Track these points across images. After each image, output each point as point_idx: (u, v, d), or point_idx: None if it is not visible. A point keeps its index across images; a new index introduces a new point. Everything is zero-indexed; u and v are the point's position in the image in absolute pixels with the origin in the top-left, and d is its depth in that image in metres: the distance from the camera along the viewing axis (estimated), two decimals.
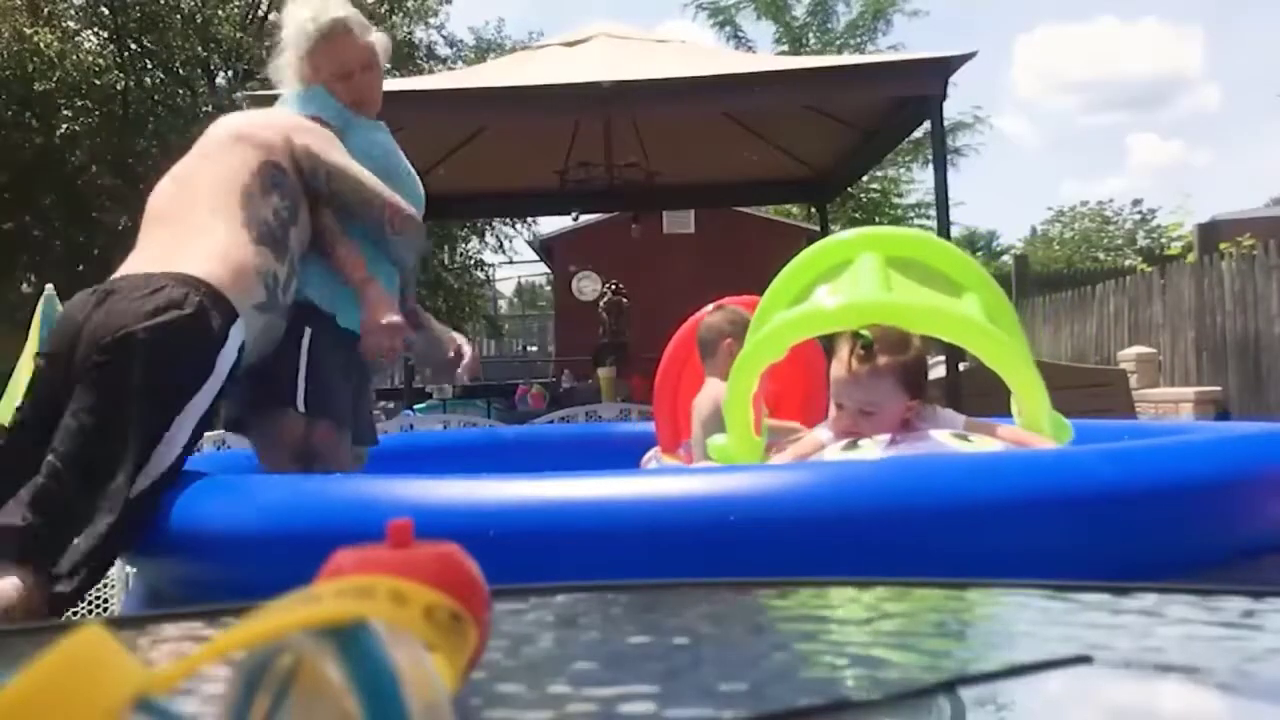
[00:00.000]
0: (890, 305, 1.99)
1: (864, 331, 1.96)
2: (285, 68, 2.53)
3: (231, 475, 2.03)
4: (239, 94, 9.09)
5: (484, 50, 17.85)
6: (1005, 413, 2.15)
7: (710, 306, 3.02)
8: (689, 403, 2.92)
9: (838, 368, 2.00)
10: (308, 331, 2.19)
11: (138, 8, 15.36)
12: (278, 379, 2.15)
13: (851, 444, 1.92)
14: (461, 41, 18.27)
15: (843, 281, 2.08)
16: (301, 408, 2.15)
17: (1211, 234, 9.33)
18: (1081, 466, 1.56)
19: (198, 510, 1.74)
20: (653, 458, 3.22)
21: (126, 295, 1.88)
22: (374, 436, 2.56)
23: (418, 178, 2.53)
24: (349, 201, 2.26)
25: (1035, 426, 1.98)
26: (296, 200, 2.19)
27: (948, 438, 1.90)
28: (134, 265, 2.01)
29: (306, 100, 2.42)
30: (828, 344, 2.32)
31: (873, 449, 1.87)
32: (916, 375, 2.00)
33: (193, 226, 2.05)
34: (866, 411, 1.97)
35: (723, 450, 2.16)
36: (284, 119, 2.32)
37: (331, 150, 2.28)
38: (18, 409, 1.95)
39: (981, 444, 1.88)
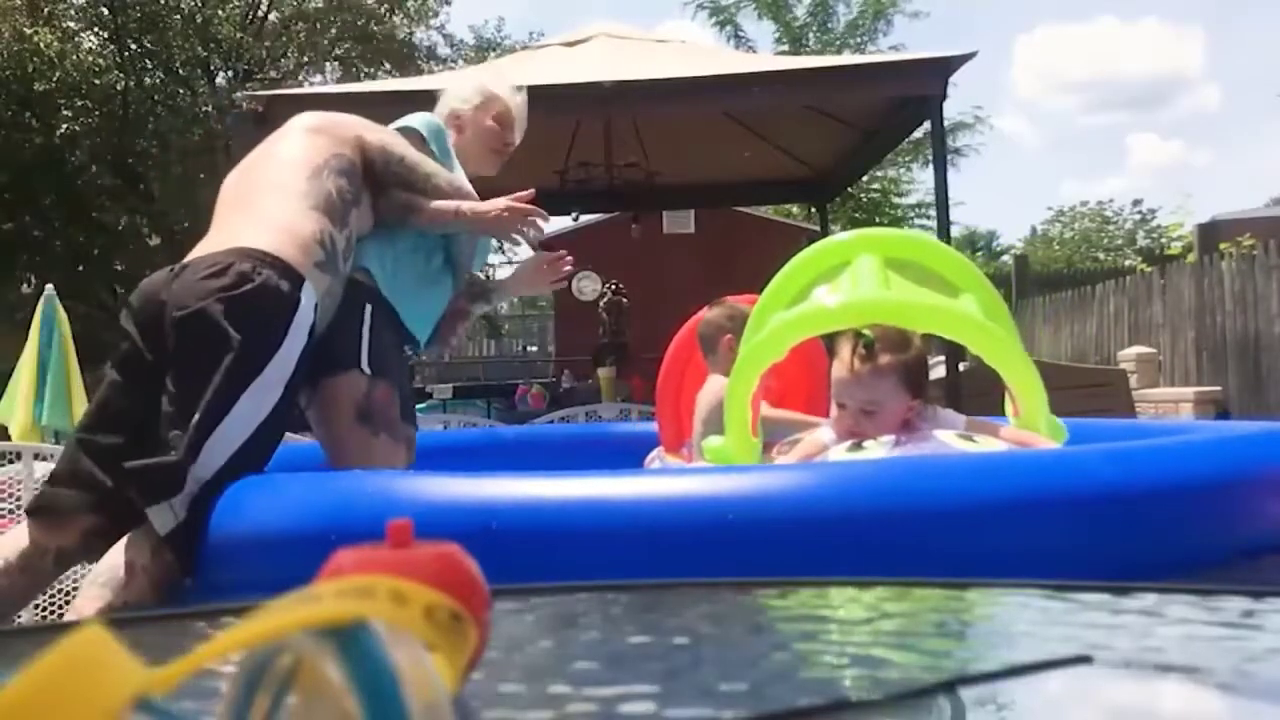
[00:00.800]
0: (891, 304, 2.00)
1: (865, 331, 1.96)
2: (451, 96, 2.72)
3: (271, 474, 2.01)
4: (239, 94, 9.09)
5: (484, 49, 17.83)
6: (1001, 413, 2.16)
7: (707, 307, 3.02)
8: (692, 402, 2.92)
9: (839, 367, 2.00)
10: (368, 306, 2.29)
11: (138, 8, 15.34)
12: (341, 343, 2.23)
13: (856, 445, 1.92)
14: (461, 41, 18.27)
15: (842, 282, 2.08)
16: (367, 369, 2.23)
17: (1211, 234, 9.34)
18: (1085, 466, 1.56)
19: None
20: (655, 457, 3.22)
21: (196, 270, 1.97)
22: (415, 420, 2.62)
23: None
24: (420, 186, 2.35)
25: (1032, 425, 1.98)
26: (359, 188, 2.27)
27: (952, 438, 1.90)
28: (204, 248, 2.08)
29: (428, 132, 2.54)
30: (829, 344, 2.32)
31: (878, 450, 1.87)
32: (918, 375, 2.00)
33: (257, 205, 2.14)
34: (868, 411, 1.97)
35: (718, 451, 2.16)
36: (357, 120, 2.41)
37: (405, 145, 2.39)
38: (105, 387, 2.05)
39: (986, 445, 1.88)
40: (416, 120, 2.55)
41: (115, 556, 1.91)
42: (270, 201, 2.14)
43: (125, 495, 1.87)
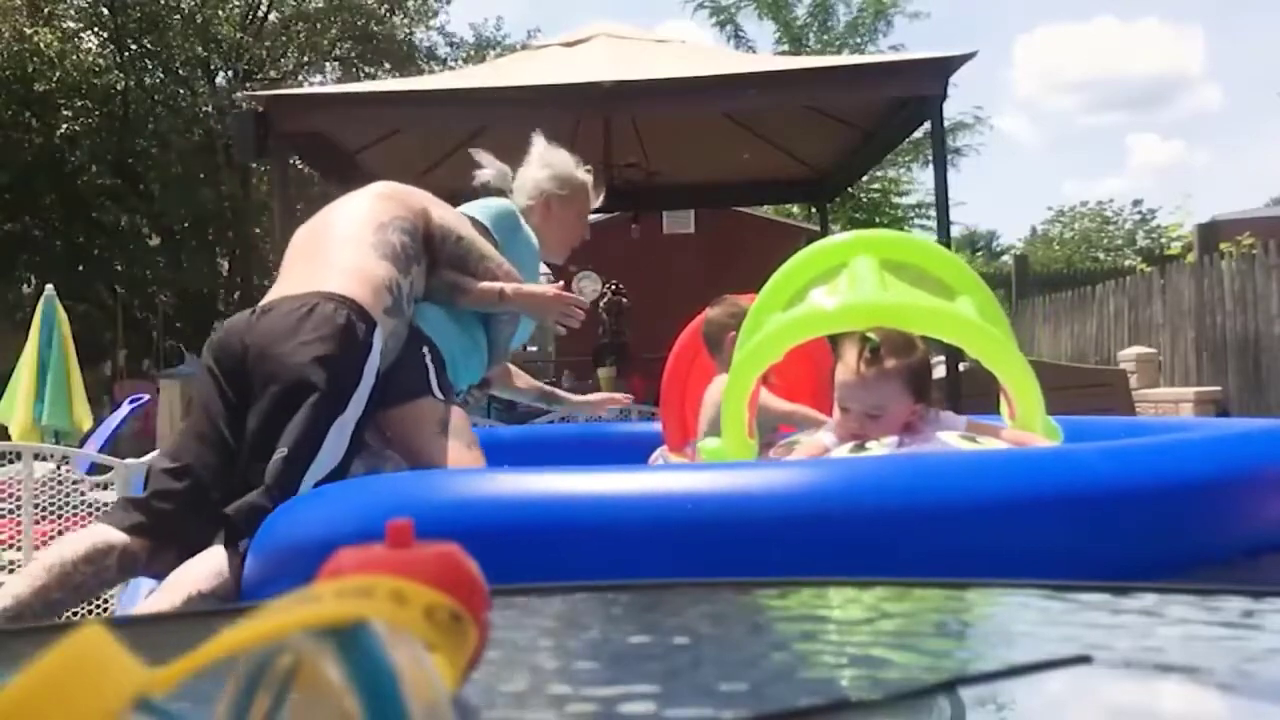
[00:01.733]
0: (890, 306, 2.00)
1: (870, 334, 1.96)
2: (545, 177, 2.81)
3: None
4: (239, 94, 9.09)
5: (483, 48, 17.83)
6: (996, 414, 2.16)
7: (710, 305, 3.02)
8: (697, 401, 2.92)
9: (843, 371, 2.00)
10: (425, 347, 2.38)
11: (138, 8, 15.34)
12: (409, 376, 2.31)
13: (859, 446, 1.91)
14: (460, 39, 18.26)
15: (839, 284, 2.08)
16: (439, 395, 2.32)
17: (1211, 234, 9.32)
18: (1086, 464, 1.55)
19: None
20: (659, 456, 3.22)
21: (282, 311, 2.08)
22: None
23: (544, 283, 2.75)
24: (472, 269, 2.45)
25: (1028, 427, 1.99)
26: (420, 250, 2.38)
27: (955, 439, 1.90)
28: (280, 292, 2.20)
29: (492, 222, 2.62)
30: (833, 342, 2.32)
31: (881, 451, 1.87)
32: (921, 378, 2.00)
33: (329, 254, 2.26)
34: (873, 415, 1.97)
35: (715, 452, 2.16)
36: (426, 194, 2.52)
37: (466, 226, 2.50)
38: (184, 426, 2.17)
39: (988, 446, 1.88)
40: (484, 213, 2.63)
41: (182, 577, 1.94)
42: (341, 251, 2.25)
43: (195, 525, 1.96)
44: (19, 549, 4.00)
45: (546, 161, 2.84)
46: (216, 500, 1.97)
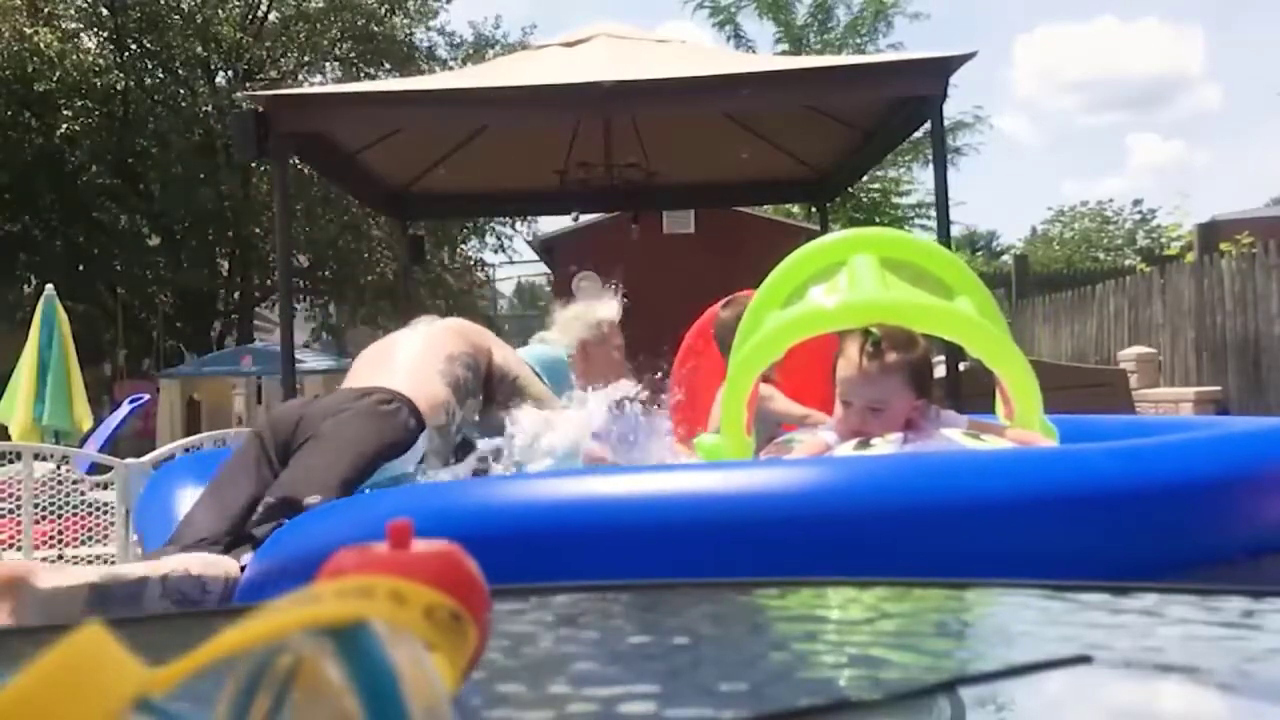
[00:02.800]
0: (889, 304, 2.00)
1: (873, 329, 1.96)
2: (580, 325, 3.01)
3: None
4: (239, 94, 9.08)
5: (482, 47, 17.82)
6: (992, 413, 2.16)
7: (721, 304, 3.02)
8: (704, 398, 2.92)
9: (846, 366, 2.00)
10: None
11: (138, 8, 15.33)
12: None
13: (864, 444, 1.90)
14: (458, 36, 18.25)
15: (839, 282, 2.08)
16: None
17: (1211, 234, 9.32)
18: (1093, 464, 1.55)
19: None
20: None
21: (340, 393, 2.31)
22: None
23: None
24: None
25: (1027, 425, 1.99)
26: (479, 386, 2.54)
27: (960, 436, 1.89)
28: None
29: (543, 368, 2.79)
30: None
31: (886, 449, 1.86)
32: (923, 374, 2.00)
33: (396, 367, 2.43)
34: (875, 409, 1.96)
35: (712, 450, 2.15)
36: (492, 335, 2.72)
37: (524, 368, 2.68)
38: (225, 469, 2.25)
39: (992, 443, 1.88)
40: (539, 360, 2.82)
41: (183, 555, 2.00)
42: (409, 367, 2.43)
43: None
44: (19, 549, 4.00)
45: (576, 315, 3.06)
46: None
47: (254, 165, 13.29)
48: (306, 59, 16.76)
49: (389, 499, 1.83)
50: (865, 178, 13.09)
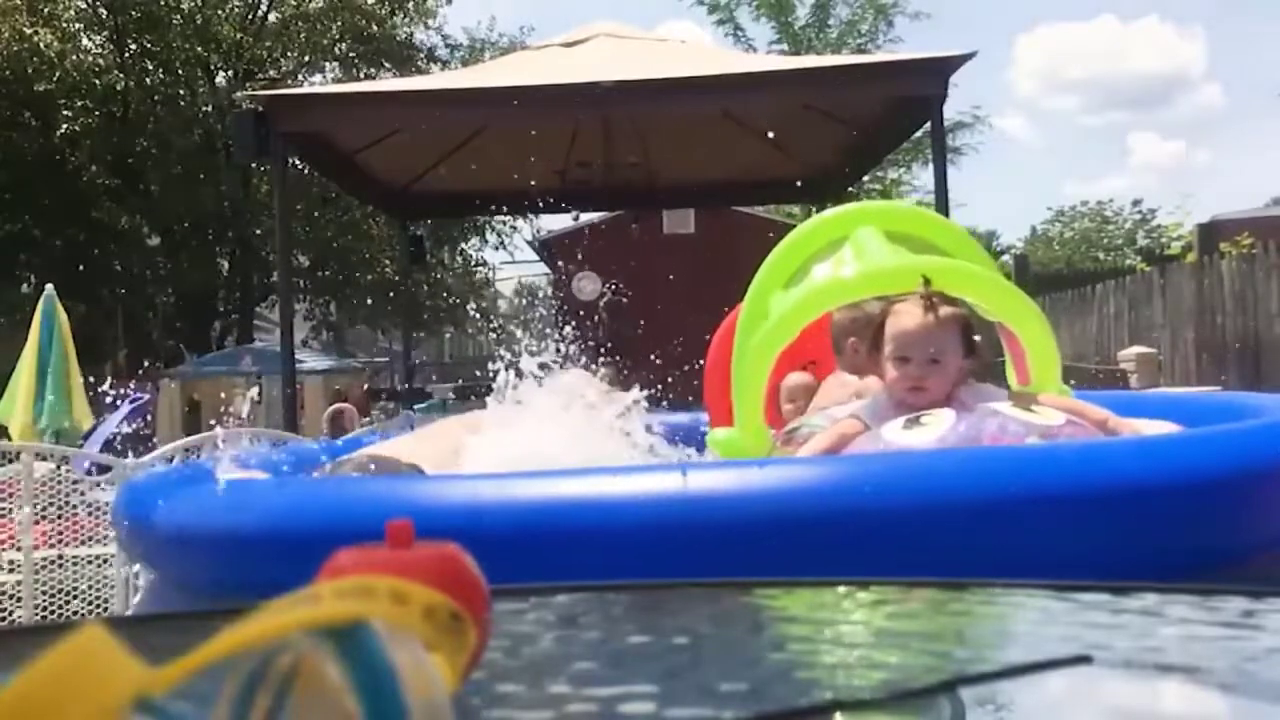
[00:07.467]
0: (910, 268, 1.95)
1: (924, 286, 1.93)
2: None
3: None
4: (239, 94, 9.08)
5: (478, 49, 17.82)
6: (1006, 384, 2.12)
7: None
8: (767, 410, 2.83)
9: (904, 320, 1.93)
10: None
11: (138, 8, 15.33)
12: None
13: (914, 420, 1.85)
14: (456, 41, 18.26)
15: (844, 255, 2.05)
16: None
17: (1211, 234, 9.33)
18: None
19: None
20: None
21: None
22: None
23: None
24: None
25: (1045, 387, 1.96)
26: None
27: (1010, 409, 1.85)
28: None
29: None
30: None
31: (939, 425, 1.80)
32: (970, 330, 1.98)
33: None
34: (935, 360, 1.92)
35: (728, 444, 2.11)
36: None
37: None
38: None
39: (1045, 415, 1.83)
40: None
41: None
42: None
43: None
44: (19, 549, 4.00)
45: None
46: None
47: (254, 165, 13.29)
48: (306, 59, 16.77)
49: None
50: (865, 178, 13.09)
